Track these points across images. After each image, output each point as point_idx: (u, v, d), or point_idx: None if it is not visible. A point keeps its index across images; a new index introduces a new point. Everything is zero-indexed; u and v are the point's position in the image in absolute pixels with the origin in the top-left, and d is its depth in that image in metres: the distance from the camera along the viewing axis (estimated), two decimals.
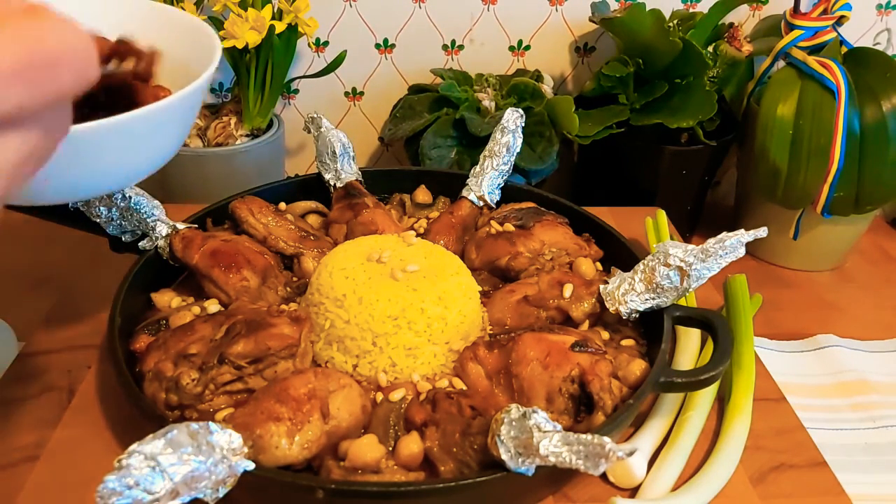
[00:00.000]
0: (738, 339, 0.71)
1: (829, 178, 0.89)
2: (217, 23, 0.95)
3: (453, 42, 1.10)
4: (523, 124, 0.84)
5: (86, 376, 0.68)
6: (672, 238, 0.84)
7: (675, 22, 1.01)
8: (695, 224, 1.09)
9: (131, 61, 0.51)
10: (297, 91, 1.12)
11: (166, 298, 0.72)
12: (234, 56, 0.98)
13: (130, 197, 0.72)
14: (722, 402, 0.68)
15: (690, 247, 0.64)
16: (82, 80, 0.29)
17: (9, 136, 0.28)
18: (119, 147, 0.48)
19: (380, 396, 0.61)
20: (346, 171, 0.84)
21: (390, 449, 0.56)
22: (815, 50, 0.92)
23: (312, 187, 0.86)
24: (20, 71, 0.27)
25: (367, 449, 0.53)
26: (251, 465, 0.49)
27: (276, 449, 0.51)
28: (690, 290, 0.64)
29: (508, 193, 0.84)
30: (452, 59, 1.11)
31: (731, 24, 1.00)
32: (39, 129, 0.29)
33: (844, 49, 0.94)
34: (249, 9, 0.93)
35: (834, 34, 0.92)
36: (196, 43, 0.57)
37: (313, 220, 0.84)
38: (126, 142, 0.48)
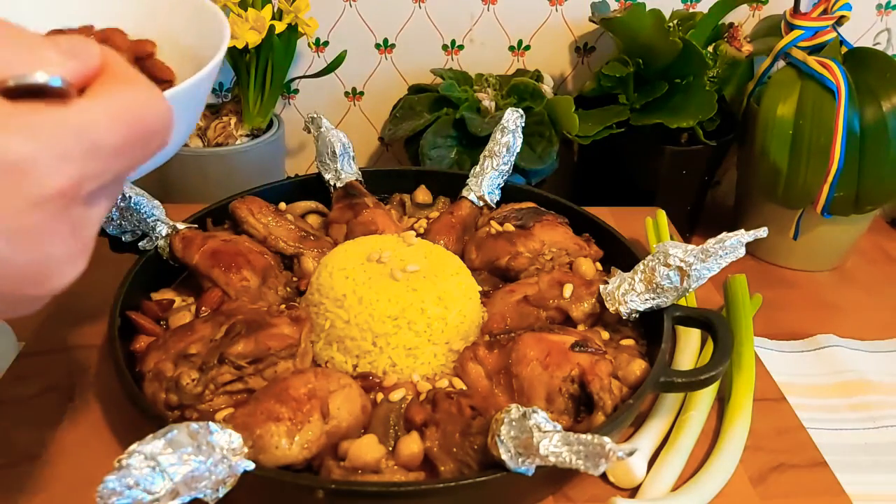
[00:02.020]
0: (738, 339, 0.71)
1: (829, 178, 0.89)
2: None
3: (453, 42, 1.10)
4: (523, 124, 0.84)
5: (86, 376, 0.68)
6: (672, 238, 0.84)
7: (675, 22, 1.01)
8: (695, 224, 1.09)
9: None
10: (297, 91, 1.12)
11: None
12: (234, 56, 0.98)
13: (130, 197, 0.72)
14: (722, 402, 0.68)
15: (690, 247, 0.64)
16: (163, 146, 0.32)
17: (98, 205, 0.31)
18: None
19: (380, 396, 0.61)
20: (346, 171, 0.84)
21: (390, 449, 0.56)
22: (815, 50, 0.92)
23: (312, 187, 0.86)
24: (123, 148, 0.29)
25: (367, 449, 0.53)
26: (251, 465, 0.49)
27: (277, 449, 0.51)
28: (690, 290, 0.64)
29: (508, 193, 0.84)
30: (452, 59, 1.11)
31: (731, 24, 1.00)
32: (113, 197, 0.32)
33: (844, 49, 0.94)
34: (249, 9, 0.93)
35: (834, 34, 0.92)
36: (204, 26, 0.56)
37: (313, 220, 0.84)
38: None
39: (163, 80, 0.57)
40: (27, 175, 0.26)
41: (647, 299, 0.65)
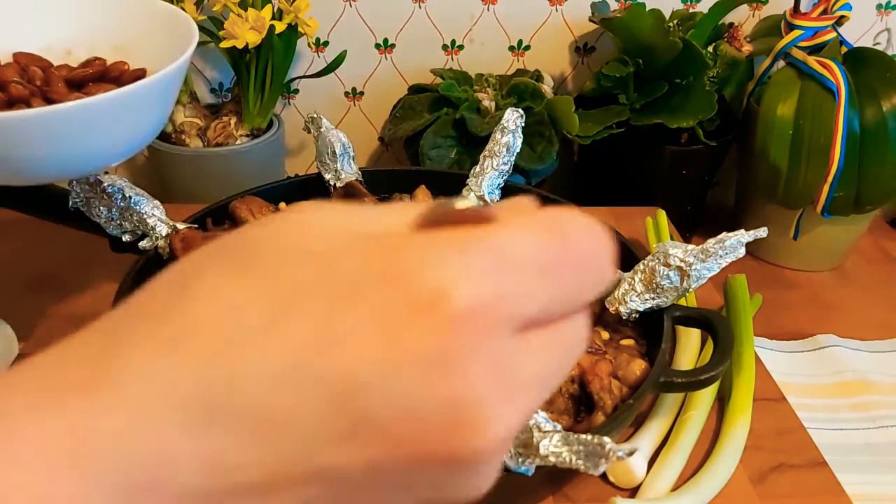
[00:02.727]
0: (738, 339, 0.71)
1: (829, 178, 0.89)
2: (217, 23, 0.95)
3: (453, 42, 1.10)
4: (523, 124, 0.84)
5: None
6: (672, 238, 0.84)
7: (675, 22, 1.01)
8: (695, 224, 1.09)
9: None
10: (297, 91, 1.12)
11: None
12: (234, 56, 0.98)
13: (130, 197, 0.72)
14: (722, 402, 0.68)
15: (690, 247, 0.64)
16: (601, 285, 0.26)
17: (534, 340, 0.24)
18: (99, 126, 0.49)
19: None
20: (346, 171, 0.84)
21: None
22: (815, 50, 0.92)
23: (312, 187, 0.85)
24: (548, 269, 0.24)
25: None
26: None
27: None
28: (690, 290, 0.64)
29: (508, 193, 0.84)
30: (452, 59, 1.11)
31: (731, 24, 1.00)
32: (562, 339, 0.25)
33: (844, 49, 0.94)
34: (249, 9, 0.93)
35: (834, 34, 0.92)
36: (174, 31, 0.58)
37: None
38: (106, 121, 0.49)
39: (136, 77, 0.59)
40: (428, 289, 0.22)
41: (647, 299, 0.65)
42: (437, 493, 0.24)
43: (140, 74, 0.58)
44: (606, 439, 0.46)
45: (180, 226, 0.73)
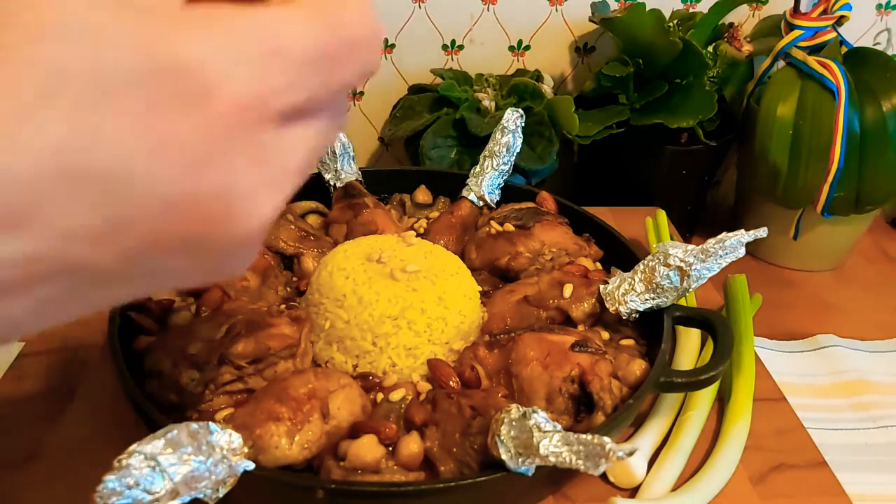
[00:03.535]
0: (738, 339, 0.71)
1: (829, 178, 0.89)
2: None
3: (453, 42, 1.10)
4: (523, 124, 0.84)
5: (86, 376, 0.68)
6: (672, 238, 0.84)
7: (675, 22, 1.01)
8: (695, 224, 1.09)
9: None
10: None
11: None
12: None
13: None
14: (722, 402, 0.68)
15: (690, 247, 0.64)
16: (369, 69, 0.26)
17: (298, 130, 0.25)
18: None
19: (380, 396, 0.61)
20: (346, 171, 0.84)
21: (390, 449, 0.56)
22: (815, 50, 0.92)
23: (312, 187, 0.86)
24: (316, 58, 0.24)
25: (367, 449, 0.53)
26: (251, 465, 0.49)
27: (276, 449, 0.51)
28: (690, 290, 0.64)
29: (508, 193, 0.84)
30: (452, 59, 1.11)
31: (731, 24, 1.00)
32: (322, 123, 0.26)
33: (844, 49, 0.94)
34: None
35: (834, 34, 0.92)
36: None
37: (313, 220, 0.84)
38: None
39: None
40: (195, 83, 0.21)
41: (647, 299, 0.65)
42: (191, 279, 0.25)
43: None
44: (606, 439, 0.46)
45: None
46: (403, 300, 0.64)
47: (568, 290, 0.68)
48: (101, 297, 0.24)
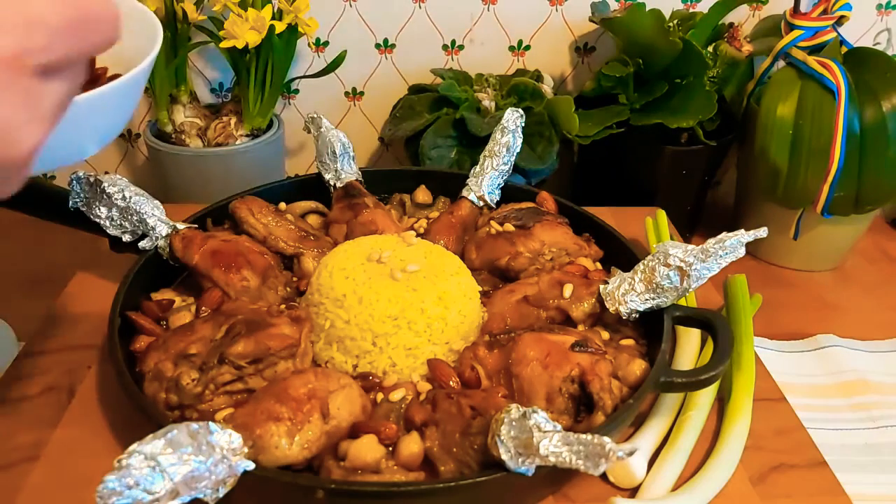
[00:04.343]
0: (738, 339, 0.71)
1: (829, 178, 0.89)
2: (217, 23, 0.95)
3: (453, 42, 1.10)
4: (523, 124, 0.84)
5: (86, 376, 0.68)
6: (672, 238, 0.84)
7: (675, 22, 1.01)
8: (695, 224, 1.09)
9: None
10: (297, 91, 1.12)
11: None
12: (234, 56, 0.98)
13: (130, 197, 0.72)
14: (722, 402, 0.68)
15: (690, 247, 0.64)
16: (110, 40, 0.34)
17: (54, 82, 0.33)
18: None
19: (380, 396, 0.61)
20: (346, 171, 0.84)
21: (390, 449, 0.56)
22: (815, 50, 0.92)
23: (312, 187, 0.86)
24: (67, 27, 0.32)
25: (367, 449, 0.53)
26: (251, 465, 0.49)
27: (276, 449, 0.51)
28: (690, 290, 0.64)
29: (508, 193, 0.84)
30: (452, 59, 1.11)
31: (731, 24, 1.00)
32: (71, 79, 0.34)
33: (844, 49, 0.94)
34: (249, 9, 0.93)
35: (834, 34, 0.92)
36: (139, 30, 0.58)
37: (313, 220, 0.84)
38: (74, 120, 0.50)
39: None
40: None
41: (647, 299, 0.65)
42: None
43: (113, 78, 0.57)
44: (606, 439, 0.46)
45: (180, 226, 0.73)
46: (403, 300, 0.64)
47: (568, 290, 0.68)
48: None
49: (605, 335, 0.68)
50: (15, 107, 0.31)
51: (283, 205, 0.82)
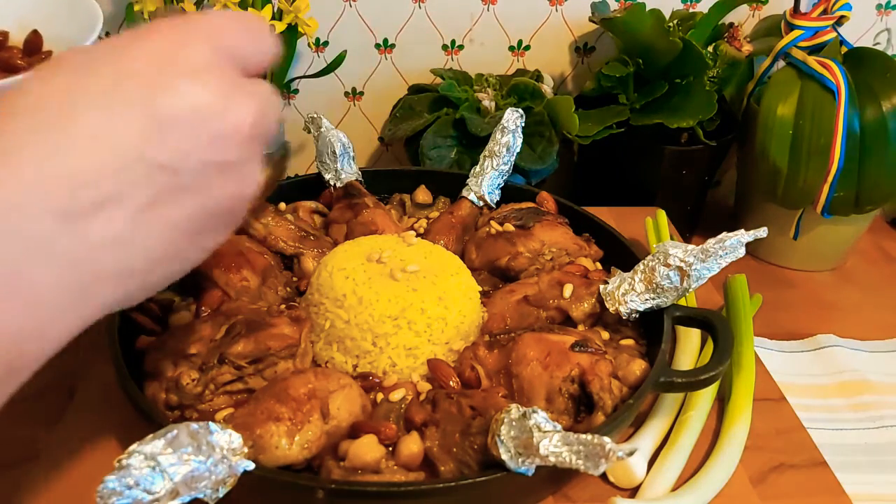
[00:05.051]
0: (738, 339, 0.71)
1: (829, 178, 0.89)
2: None
3: (453, 42, 1.10)
4: (523, 124, 0.84)
5: (86, 376, 0.68)
6: (672, 238, 0.84)
7: (675, 22, 1.01)
8: (695, 224, 1.09)
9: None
10: (297, 91, 1.12)
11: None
12: None
13: None
14: (722, 402, 0.68)
15: (690, 247, 0.64)
16: (271, 56, 0.43)
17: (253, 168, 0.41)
18: None
19: (380, 396, 0.61)
20: (346, 171, 0.84)
21: (390, 449, 0.56)
22: (815, 50, 0.92)
23: (312, 187, 0.86)
24: (248, 38, 0.40)
25: (367, 449, 0.53)
26: (251, 465, 0.49)
27: (276, 449, 0.51)
28: (690, 290, 0.64)
29: (508, 193, 0.84)
30: (452, 59, 1.11)
31: (731, 24, 1.00)
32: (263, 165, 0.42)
33: (844, 49, 0.94)
34: (249, 9, 0.93)
35: (834, 34, 0.92)
36: (76, 15, 0.58)
37: (313, 220, 0.84)
38: None
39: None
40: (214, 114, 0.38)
41: (647, 299, 0.65)
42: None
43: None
44: (606, 439, 0.46)
45: None
46: (403, 300, 0.64)
47: (568, 290, 0.68)
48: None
49: (605, 335, 0.68)
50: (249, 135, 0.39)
51: (283, 205, 0.82)
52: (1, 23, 0.66)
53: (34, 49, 0.58)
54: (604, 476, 0.60)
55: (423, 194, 0.88)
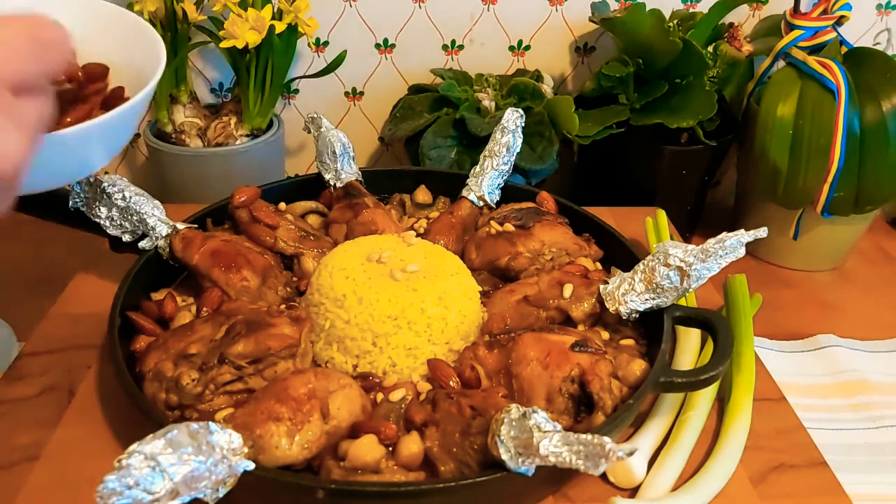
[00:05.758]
0: (738, 339, 0.71)
1: (829, 178, 0.89)
2: (217, 23, 0.95)
3: (453, 42, 1.10)
4: (523, 124, 0.84)
5: (86, 376, 0.68)
6: (672, 238, 0.84)
7: (675, 22, 1.01)
8: (695, 224, 1.09)
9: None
10: (297, 91, 1.12)
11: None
12: (234, 56, 0.98)
13: (130, 197, 0.72)
14: (722, 402, 0.68)
15: (690, 247, 0.64)
16: (66, 59, 0.40)
17: (28, 101, 0.37)
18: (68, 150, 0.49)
19: (380, 396, 0.61)
20: (346, 171, 0.84)
21: (390, 449, 0.56)
22: (815, 50, 0.92)
23: (312, 187, 0.86)
24: (30, 51, 0.37)
25: (367, 449, 0.53)
26: (251, 465, 0.49)
27: (276, 449, 0.51)
28: (690, 290, 0.64)
29: (508, 193, 0.84)
30: (452, 59, 1.11)
31: (731, 24, 1.00)
32: (42, 98, 0.39)
33: (844, 49, 0.94)
34: (249, 9, 0.93)
35: (834, 34, 0.92)
36: (143, 47, 0.57)
37: (313, 220, 0.84)
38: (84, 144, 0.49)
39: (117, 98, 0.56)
40: None
41: (647, 299, 0.65)
42: None
43: (118, 94, 0.56)
44: (606, 439, 0.46)
45: (180, 226, 0.73)
46: (403, 300, 0.64)
47: (568, 290, 0.68)
48: None
49: (605, 335, 0.68)
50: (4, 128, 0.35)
51: (283, 205, 0.82)
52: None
53: (96, 77, 0.57)
54: (604, 476, 0.60)
55: (423, 194, 0.88)
